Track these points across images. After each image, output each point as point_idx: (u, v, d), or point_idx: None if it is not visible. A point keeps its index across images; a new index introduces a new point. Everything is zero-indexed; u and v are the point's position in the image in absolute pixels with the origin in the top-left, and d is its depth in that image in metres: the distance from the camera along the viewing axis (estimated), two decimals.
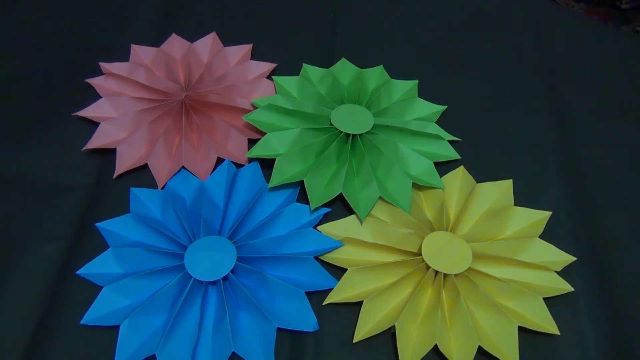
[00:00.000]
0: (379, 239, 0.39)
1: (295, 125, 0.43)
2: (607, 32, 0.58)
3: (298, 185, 0.42)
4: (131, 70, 0.49)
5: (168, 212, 0.40)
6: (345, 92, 0.48)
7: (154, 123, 0.44)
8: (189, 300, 0.35)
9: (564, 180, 0.44)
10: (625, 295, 0.38)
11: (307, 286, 0.36)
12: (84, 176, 0.43)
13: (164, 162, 0.43)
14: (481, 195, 0.41)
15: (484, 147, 0.46)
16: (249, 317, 0.35)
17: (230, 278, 0.36)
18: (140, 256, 0.37)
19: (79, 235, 0.40)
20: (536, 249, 0.39)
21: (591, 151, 0.47)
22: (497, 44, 0.55)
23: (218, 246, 0.37)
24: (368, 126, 0.43)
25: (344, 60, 0.51)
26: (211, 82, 0.48)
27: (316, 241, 0.38)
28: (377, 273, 0.37)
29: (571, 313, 0.37)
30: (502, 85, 0.51)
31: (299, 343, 0.35)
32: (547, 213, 0.41)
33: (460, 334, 0.34)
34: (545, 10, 0.59)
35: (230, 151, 0.44)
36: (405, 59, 0.53)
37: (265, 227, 0.39)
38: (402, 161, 0.42)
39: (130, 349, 0.34)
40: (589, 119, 0.49)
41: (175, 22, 0.55)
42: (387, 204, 0.40)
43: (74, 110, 0.46)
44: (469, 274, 0.36)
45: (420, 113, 0.48)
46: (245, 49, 0.52)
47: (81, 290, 0.37)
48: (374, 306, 0.35)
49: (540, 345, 0.35)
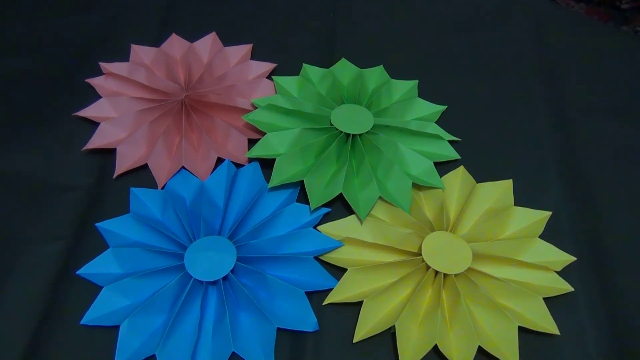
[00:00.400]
0: (379, 239, 0.39)
1: (295, 125, 0.43)
2: (607, 32, 0.58)
3: (298, 185, 0.42)
4: (131, 70, 0.49)
5: (168, 212, 0.40)
6: (345, 92, 0.48)
7: (154, 123, 0.44)
8: (189, 300, 0.35)
9: (564, 180, 0.44)
10: (625, 295, 0.38)
11: (307, 286, 0.36)
12: (84, 176, 0.43)
13: (164, 162, 0.43)
14: (481, 195, 0.41)
15: (484, 147, 0.46)
16: (249, 317, 0.35)
17: (230, 278, 0.36)
18: (140, 256, 0.37)
19: (79, 235, 0.40)
20: (536, 249, 0.39)
21: (591, 151, 0.47)
22: (497, 44, 0.55)
23: (218, 246, 0.37)
24: (368, 126, 0.43)
25: (344, 60, 0.51)
26: (211, 82, 0.48)
27: (316, 241, 0.38)
28: (377, 273, 0.37)
29: (571, 313, 0.37)
30: (502, 85, 0.51)
31: (299, 343, 0.35)
32: (547, 213, 0.41)
33: (460, 334, 0.34)
34: (545, 10, 0.59)
35: (230, 151, 0.44)
36: (405, 59, 0.53)
37: (265, 227, 0.39)
38: (402, 161, 0.42)
39: (130, 349, 0.34)
40: (589, 119, 0.49)
41: (175, 22, 0.55)
42: (387, 204, 0.40)
43: (74, 110, 0.46)
44: (469, 274, 0.36)
45: (420, 113, 0.48)
46: (245, 49, 0.52)
47: (81, 290, 0.37)
48: (374, 306, 0.35)
49: (540, 345, 0.35)
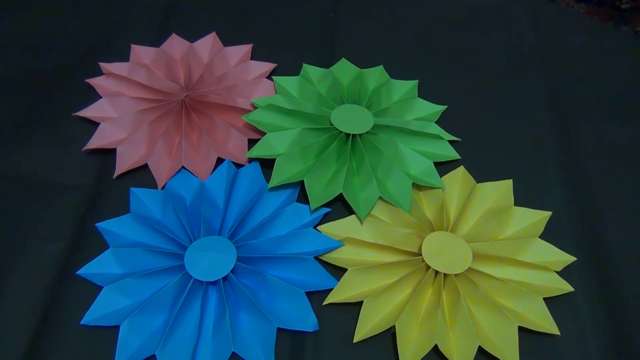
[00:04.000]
0: (379, 239, 0.39)
1: (295, 125, 0.43)
2: (607, 32, 0.58)
3: (298, 185, 0.42)
4: (131, 70, 0.49)
5: (168, 212, 0.40)
6: (345, 92, 0.48)
7: (154, 123, 0.44)
8: (189, 300, 0.35)
9: (564, 180, 0.44)
10: (625, 295, 0.38)
11: (307, 286, 0.36)
12: (84, 176, 0.43)
13: (164, 162, 0.43)
14: (481, 195, 0.41)
15: (484, 147, 0.46)
16: (249, 317, 0.35)
17: (230, 278, 0.36)
18: (140, 256, 0.37)
19: (79, 235, 0.40)
20: (536, 249, 0.39)
21: (591, 151, 0.47)
22: (497, 44, 0.55)
23: (218, 246, 0.37)
24: (368, 126, 0.43)
25: (344, 60, 0.51)
26: (211, 82, 0.48)
27: (316, 241, 0.38)
28: (377, 273, 0.37)
29: (571, 313, 0.37)
30: (502, 85, 0.51)
31: (299, 343, 0.35)
32: (547, 213, 0.41)
33: (460, 334, 0.34)
34: (545, 10, 0.58)
35: (230, 151, 0.44)
36: (405, 59, 0.53)
37: (265, 227, 0.39)
38: (402, 161, 0.42)
39: (130, 349, 0.34)
40: (589, 119, 0.49)
41: (175, 22, 0.55)
42: (387, 204, 0.40)
43: (74, 110, 0.46)
44: (469, 274, 0.36)
45: (420, 113, 0.48)
46: (245, 49, 0.52)
47: (81, 290, 0.37)
48: (374, 306, 0.35)
49: (540, 345, 0.35)
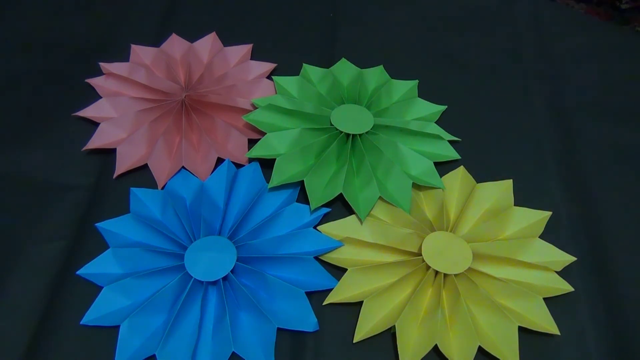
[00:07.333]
0: (379, 239, 0.39)
1: (295, 126, 0.43)
2: (607, 32, 0.58)
3: (298, 185, 0.42)
4: (131, 71, 0.49)
5: (168, 212, 0.40)
6: (345, 92, 0.48)
7: (154, 123, 0.44)
8: (189, 300, 0.35)
9: (564, 180, 0.44)
10: (625, 295, 0.38)
11: (307, 286, 0.36)
12: (84, 176, 0.43)
13: (164, 162, 0.43)
14: (481, 195, 0.41)
15: (484, 147, 0.46)
16: (249, 317, 0.35)
17: (230, 278, 0.36)
18: (140, 256, 0.37)
19: (79, 235, 0.40)
20: (536, 249, 0.39)
21: (591, 151, 0.47)
22: (497, 43, 0.55)
23: (218, 246, 0.37)
24: (368, 126, 0.43)
25: (344, 60, 0.51)
26: (211, 82, 0.48)
27: (316, 241, 0.38)
28: (377, 273, 0.37)
29: (571, 313, 0.37)
30: (502, 85, 0.51)
31: (299, 343, 0.35)
32: (547, 213, 0.41)
33: (460, 334, 0.34)
34: (545, 10, 0.59)
35: (230, 151, 0.44)
36: (405, 59, 0.53)
37: (265, 227, 0.39)
38: (402, 161, 0.42)
39: (130, 349, 0.34)
40: (589, 119, 0.49)
41: (175, 22, 0.55)
42: (387, 204, 0.40)
43: (74, 110, 0.46)
44: (469, 274, 0.36)
45: (420, 113, 0.48)
46: (245, 49, 0.52)
47: (81, 290, 0.37)
48: (374, 306, 0.35)
49: (540, 345, 0.35)
